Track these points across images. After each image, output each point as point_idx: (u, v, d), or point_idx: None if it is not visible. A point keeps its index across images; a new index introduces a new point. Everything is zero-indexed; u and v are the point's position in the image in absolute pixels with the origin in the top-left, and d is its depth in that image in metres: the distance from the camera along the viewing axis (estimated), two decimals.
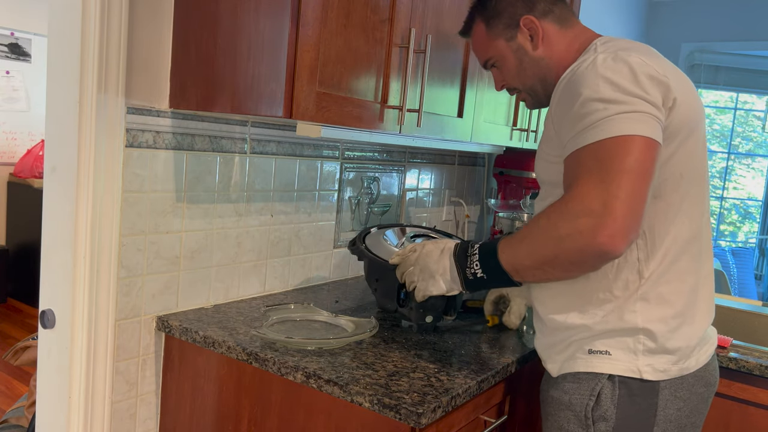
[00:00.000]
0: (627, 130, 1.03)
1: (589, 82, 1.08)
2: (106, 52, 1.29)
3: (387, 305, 1.57)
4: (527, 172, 2.45)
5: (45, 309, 1.39)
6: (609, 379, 1.15)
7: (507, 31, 1.27)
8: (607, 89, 1.05)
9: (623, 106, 1.04)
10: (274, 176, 1.73)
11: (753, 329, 2.07)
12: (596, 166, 1.03)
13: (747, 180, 5.33)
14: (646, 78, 1.06)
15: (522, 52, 1.26)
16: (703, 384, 1.21)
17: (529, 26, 1.25)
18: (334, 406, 1.22)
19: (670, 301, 1.15)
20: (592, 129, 1.05)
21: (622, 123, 1.03)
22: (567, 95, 1.12)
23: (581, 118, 1.07)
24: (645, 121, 1.04)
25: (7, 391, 3.36)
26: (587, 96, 1.07)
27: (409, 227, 1.71)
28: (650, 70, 1.07)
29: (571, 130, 1.09)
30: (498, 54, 1.29)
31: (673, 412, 1.16)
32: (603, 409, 1.15)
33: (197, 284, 1.58)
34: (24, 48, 4.71)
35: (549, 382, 1.26)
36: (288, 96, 1.22)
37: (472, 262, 1.19)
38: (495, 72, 1.35)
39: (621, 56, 1.09)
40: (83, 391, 1.37)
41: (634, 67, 1.07)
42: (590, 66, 1.09)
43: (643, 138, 1.03)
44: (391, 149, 2.17)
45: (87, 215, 1.32)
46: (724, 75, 4.57)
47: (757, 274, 4.97)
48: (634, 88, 1.05)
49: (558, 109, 1.15)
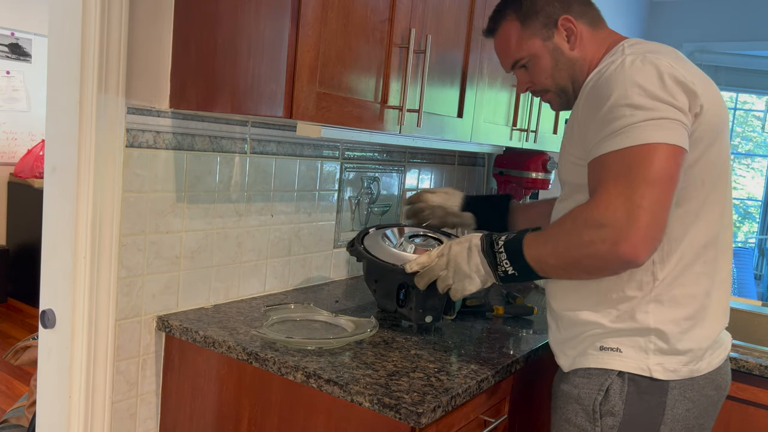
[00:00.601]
0: (653, 138, 1.03)
1: (617, 85, 1.08)
2: (107, 52, 1.29)
3: (387, 305, 1.57)
4: (527, 172, 2.45)
5: (45, 309, 1.39)
6: (619, 376, 1.15)
7: (544, 31, 1.26)
8: (634, 94, 1.05)
9: (650, 112, 1.04)
10: (274, 176, 1.73)
11: (753, 329, 2.07)
12: (622, 174, 1.04)
13: (747, 180, 5.33)
14: (674, 83, 1.06)
15: (558, 53, 1.26)
16: (714, 387, 1.21)
17: (566, 26, 1.25)
18: (334, 406, 1.22)
19: (683, 304, 1.15)
20: (619, 135, 1.06)
21: (648, 130, 1.04)
22: (594, 98, 1.12)
23: (608, 122, 1.07)
24: (672, 128, 1.04)
25: (7, 390, 3.36)
26: (615, 100, 1.07)
27: (408, 227, 1.70)
28: (678, 74, 1.07)
29: (598, 134, 1.09)
30: (532, 54, 1.28)
31: (682, 412, 1.16)
32: (611, 404, 1.16)
33: (197, 284, 1.58)
34: (24, 48, 4.71)
35: (560, 377, 1.27)
36: (288, 96, 1.22)
37: (501, 260, 1.21)
38: (521, 73, 1.33)
39: (649, 59, 1.08)
40: (83, 390, 1.37)
41: (663, 71, 1.07)
42: (618, 68, 1.09)
43: (669, 146, 1.04)
44: (391, 149, 2.17)
45: (87, 215, 1.32)
46: (724, 75, 4.57)
47: (757, 274, 4.97)
48: (661, 93, 1.05)
49: (585, 111, 1.15)
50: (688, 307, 1.15)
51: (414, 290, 1.47)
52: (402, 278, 1.49)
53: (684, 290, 1.15)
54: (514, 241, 1.20)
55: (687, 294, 1.15)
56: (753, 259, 4.96)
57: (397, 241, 1.62)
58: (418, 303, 1.48)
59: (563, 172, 1.27)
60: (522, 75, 1.34)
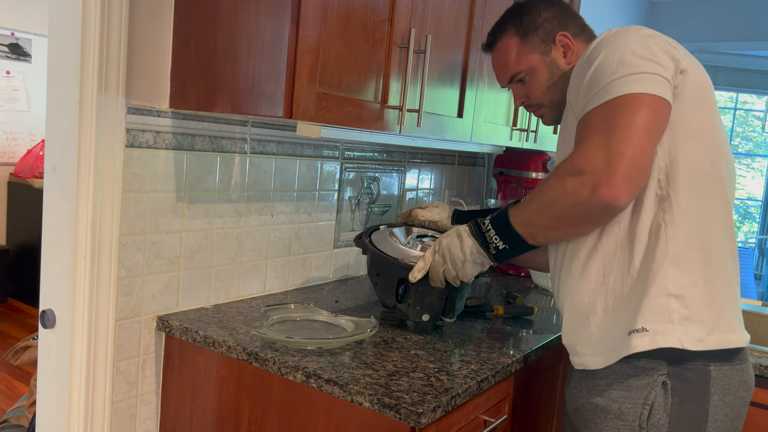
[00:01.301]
0: (633, 89, 1.07)
1: (599, 51, 1.13)
2: (106, 52, 1.29)
3: (386, 300, 1.57)
4: (527, 172, 2.45)
5: (45, 309, 1.39)
6: (662, 387, 1.13)
7: (542, 46, 1.33)
8: (615, 55, 1.10)
9: (632, 68, 1.08)
10: (274, 176, 1.73)
11: (753, 329, 2.07)
12: (603, 124, 1.07)
13: (747, 180, 5.33)
14: (655, 44, 1.10)
15: (555, 67, 1.32)
16: (745, 389, 1.20)
17: (563, 42, 1.32)
18: (334, 406, 1.22)
19: (695, 268, 1.13)
20: (601, 92, 1.10)
21: (630, 83, 1.07)
22: (579, 72, 1.17)
23: (592, 86, 1.12)
24: (653, 81, 1.07)
25: (7, 390, 3.36)
26: (597, 65, 1.12)
27: (416, 227, 1.71)
28: (659, 40, 1.12)
29: (583, 98, 1.13)
30: (530, 68, 1.34)
31: (722, 417, 1.15)
32: (656, 418, 1.13)
33: (197, 284, 1.58)
34: (24, 48, 4.71)
35: (587, 388, 1.21)
36: (288, 96, 1.22)
37: (490, 237, 1.24)
38: (518, 87, 1.38)
39: (632, 29, 1.14)
40: (83, 390, 1.37)
41: (642, 35, 1.12)
42: (605, 38, 1.15)
43: (649, 95, 1.06)
44: (391, 149, 2.17)
45: (87, 215, 1.32)
46: (724, 75, 4.57)
47: (757, 274, 4.98)
48: (643, 51, 1.09)
49: (572, 90, 1.19)
50: (701, 271, 1.14)
51: (413, 287, 1.47)
52: (402, 273, 1.49)
53: (696, 254, 1.13)
54: (499, 216, 1.24)
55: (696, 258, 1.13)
56: (753, 259, 4.97)
57: (405, 240, 1.63)
58: (415, 300, 1.48)
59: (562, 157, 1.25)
60: (518, 89, 1.39)
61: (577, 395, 1.24)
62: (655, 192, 1.13)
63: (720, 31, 4.18)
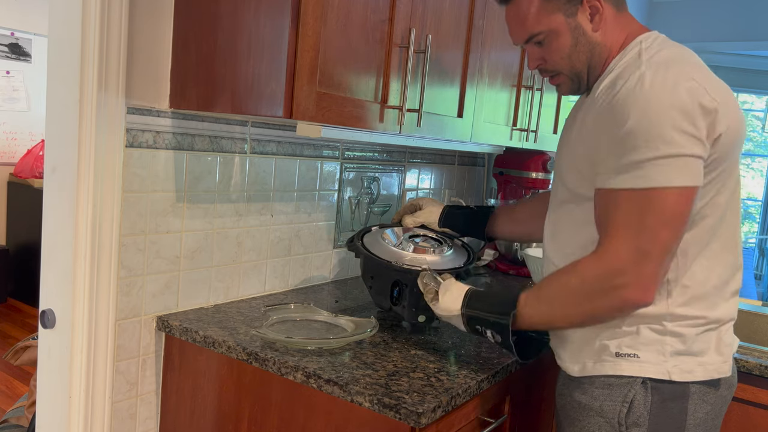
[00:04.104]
0: (669, 181, 1.02)
1: (634, 108, 1.03)
2: (106, 52, 1.29)
3: (382, 303, 1.57)
4: (527, 172, 2.45)
5: (45, 309, 1.39)
6: (642, 385, 1.14)
7: (568, 6, 1.15)
8: (652, 124, 1.01)
9: (670, 147, 1.01)
10: (274, 176, 1.73)
11: (753, 329, 2.07)
12: (633, 217, 1.04)
13: (747, 180, 5.33)
14: (696, 108, 1.02)
15: (580, 32, 1.16)
16: (727, 387, 1.21)
17: (592, 3, 1.15)
18: (334, 406, 1.22)
19: (697, 309, 1.14)
20: (634, 171, 1.03)
21: (665, 171, 1.02)
22: (609, 114, 1.07)
23: (624, 153, 1.04)
24: (689, 166, 1.02)
25: (7, 390, 3.36)
26: (632, 126, 1.03)
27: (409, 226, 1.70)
28: (702, 96, 1.03)
29: (611, 159, 1.06)
30: (552, 30, 1.16)
31: (702, 415, 1.16)
32: (636, 415, 1.14)
33: (197, 284, 1.58)
34: (24, 48, 4.71)
35: (572, 386, 1.23)
36: (288, 96, 1.22)
37: (485, 331, 1.24)
38: (535, 50, 1.22)
39: (671, 79, 1.03)
40: (83, 391, 1.37)
41: (684, 95, 1.02)
42: (637, 87, 1.04)
43: (683, 188, 1.03)
44: (391, 149, 2.17)
45: (87, 215, 1.32)
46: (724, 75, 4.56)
47: (757, 273, 4.98)
48: (682, 121, 1.01)
49: (597, 125, 1.11)
50: (700, 315, 1.14)
51: (407, 288, 1.47)
52: (396, 276, 1.49)
53: (697, 304, 1.14)
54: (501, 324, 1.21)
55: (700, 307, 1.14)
56: (753, 259, 4.96)
57: (398, 241, 1.62)
58: (411, 302, 1.48)
59: (567, 174, 1.22)
60: (534, 51, 1.22)
61: (563, 393, 1.27)
62: None
63: (720, 31, 4.18)
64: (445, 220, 1.65)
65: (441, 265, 1.52)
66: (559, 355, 1.27)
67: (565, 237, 1.23)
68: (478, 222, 1.63)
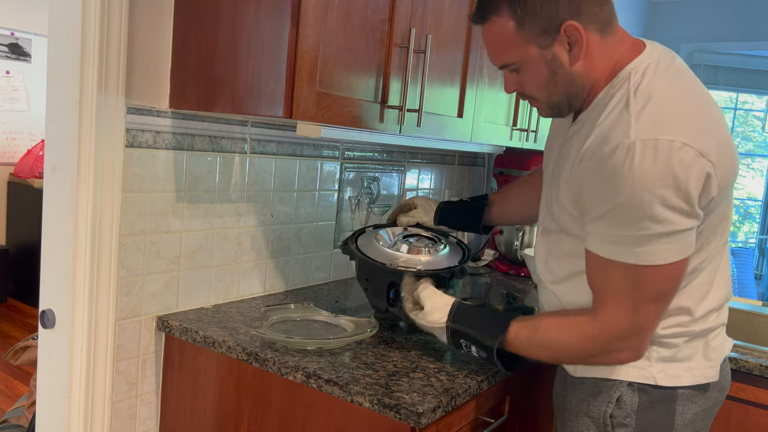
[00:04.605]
0: (664, 259, 1.01)
1: (626, 182, 0.97)
2: (106, 52, 1.29)
3: (378, 304, 1.57)
4: (527, 172, 2.44)
5: (45, 309, 1.39)
6: (629, 386, 1.14)
7: (543, 37, 1.05)
8: (645, 203, 0.97)
9: (663, 225, 0.98)
10: (274, 176, 1.73)
11: (753, 329, 2.07)
12: (627, 291, 1.05)
13: (747, 180, 5.33)
14: (690, 182, 0.97)
15: (557, 64, 1.07)
16: (717, 389, 1.21)
17: (571, 34, 1.04)
18: (334, 406, 1.22)
19: (683, 320, 1.14)
20: (626, 245, 1.01)
21: (659, 249, 1.00)
22: (598, 180, 1.02)
23: (614, 224, 1.02)
24: (682, 240, 1.01)
25: (7, 390, 3.36)
26: (623, 201, 0.98)
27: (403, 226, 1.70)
28: (694, 165, 0.96)
29: (600, 224, 1.04)
30: (525, 60, 1.08)
31: (690, 416, 1.16)
32: (622, 416, 1.15)
33: (197, 284, 1.58)
34: (24, 48, 4.71)
35: (566, 387, 1.25)
36: (288, 96, 1.22)
37: (468, 346, 1.24)
38: (511, 75, 1.14)
39: (663, 152, 0.96)
40: (83, 390, 1.37)
41: (677, 170, 0.96)
42: (627, 163, 0.97)
43: (681, 262, 1.03)
44: (391, 149, 2.17)
45: (87, 215, 1.32)
46: (724, 75, 4.56)
47: (757, 274, 4.97)
48: (674, 199, 0.97)
49: (585, 182, 1.06)
50: (690, 324, 1.15)
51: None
52: (391, 277, 1.49)
53: (687, 313, 1.14)
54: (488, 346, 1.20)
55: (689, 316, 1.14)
56: (753, 259, 4.96)
57: (392, 241, 1.61)
58: None
59: (554, 204, 1.19)
60: (511, 77, 1.15)
61: (559, 392, 1.29)
62: None
63: (720, 31, 4.18)
64: (440, 218, 1.64)
65: (436, 265, 1.51)
66: None
67: (554, 265, 1.24)
68: (474, 216, 1.62)
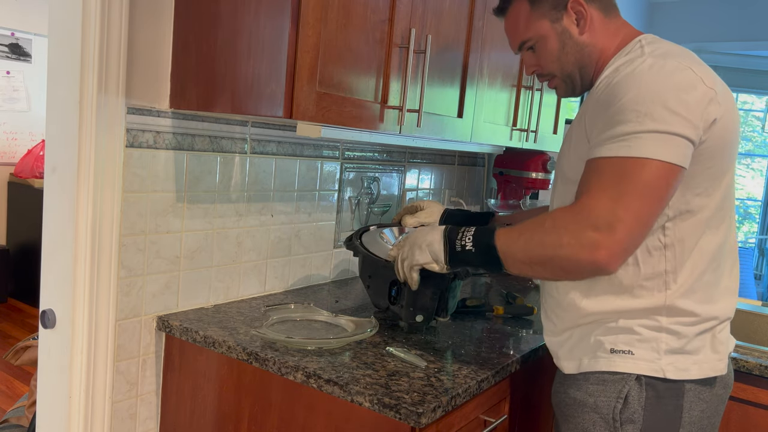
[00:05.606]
0: (652, 153, 1.02)
1: (631, 87, 1.06)
2: (106, 52, 1.29)
3: (379, 302, 1.57)
4: (527, 172, 2.45)
5: (45, 309, 1.39)
6: (636, 381, 1.14)
7: (553, 12, 1.23)
8: (646, 100, 1.04)
9: (658, 123, 1.02)
10: (274, 176, 1.73)
11: (753, 329, 2.07)
12: (612, 182, 1.04)
13: (746, 180, 5.33)
14: (691, 92, 1.04)
15: (566, 36, 1.23)
16: (723, 386, 1.21)
17: (576, 9, 1.22)
18: (334, 406, 1.22)
19: (694, 309, 1.15)
20: (620, 141, 1.05)
21: (650, 144, 1.03)
22: (606, 96, 1.10)
23: (614, 125, 1.06)
24: (675, 145, 1.03)
25: (7, 390, 3.36)
26: (625, 103, 1.05)
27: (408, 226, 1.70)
28: (698, 83, 1.05)
29: (601, 132, 1.09)
30: (539, 35, 1.25)
31: (697, 413, 1.16)
32: (630, 411, 1.15)
33: (197, 284, 1.58)
34: (24, 48, 4.71)
35: (567, 383, 1.24)
36: (288, 96, 1.22)
37: (463, 236, 1.21)
38: (528, 55, 1.30)
39: (670, 64, 1.07)
40: (83, 390, 1.37)
41: (681, 79, 1.05)
42: (637, 71, 1.08)
43: (666, 164, 1.03)
44: (391, 149, 2.17)
45: (87, 215, 1.32)
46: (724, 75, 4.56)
47: (757, 274, 4.98)
48: (676, 104, 1.03)
49: (595, 110, 1.13)
50: (698, 310, 1.15)
51: (405, 288, 1.47)
52: (394, 275, 1.49)
53: (695, 296, 1.14)
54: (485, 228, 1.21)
55: (698, 299, 1.15)
56: (753, 259, 4.96)
57: (396, 240, 1.62)
58: (408, 301, 1.48)
59: (569, 168, 1.23)
60: (529, 57, 1.31)
61: (559, 389, 1.28)
62: (659, 238, 1.13)
63: (720, 31, 4.18)
64: (446, 222, 1.65)
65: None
66: (555, 354, 1.28)
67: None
68: (479, 224, 1.63)
